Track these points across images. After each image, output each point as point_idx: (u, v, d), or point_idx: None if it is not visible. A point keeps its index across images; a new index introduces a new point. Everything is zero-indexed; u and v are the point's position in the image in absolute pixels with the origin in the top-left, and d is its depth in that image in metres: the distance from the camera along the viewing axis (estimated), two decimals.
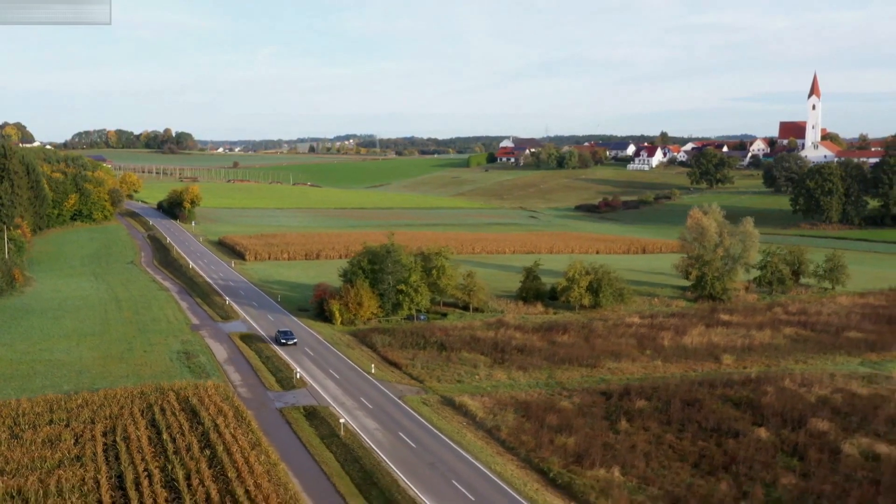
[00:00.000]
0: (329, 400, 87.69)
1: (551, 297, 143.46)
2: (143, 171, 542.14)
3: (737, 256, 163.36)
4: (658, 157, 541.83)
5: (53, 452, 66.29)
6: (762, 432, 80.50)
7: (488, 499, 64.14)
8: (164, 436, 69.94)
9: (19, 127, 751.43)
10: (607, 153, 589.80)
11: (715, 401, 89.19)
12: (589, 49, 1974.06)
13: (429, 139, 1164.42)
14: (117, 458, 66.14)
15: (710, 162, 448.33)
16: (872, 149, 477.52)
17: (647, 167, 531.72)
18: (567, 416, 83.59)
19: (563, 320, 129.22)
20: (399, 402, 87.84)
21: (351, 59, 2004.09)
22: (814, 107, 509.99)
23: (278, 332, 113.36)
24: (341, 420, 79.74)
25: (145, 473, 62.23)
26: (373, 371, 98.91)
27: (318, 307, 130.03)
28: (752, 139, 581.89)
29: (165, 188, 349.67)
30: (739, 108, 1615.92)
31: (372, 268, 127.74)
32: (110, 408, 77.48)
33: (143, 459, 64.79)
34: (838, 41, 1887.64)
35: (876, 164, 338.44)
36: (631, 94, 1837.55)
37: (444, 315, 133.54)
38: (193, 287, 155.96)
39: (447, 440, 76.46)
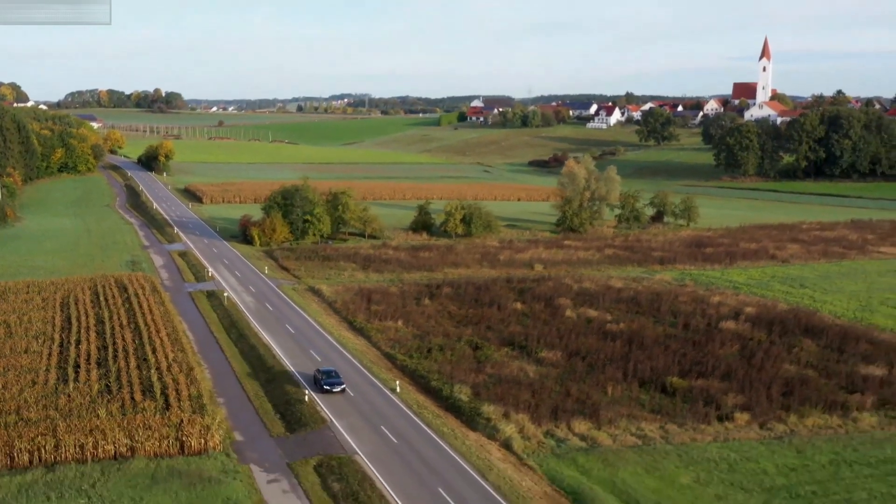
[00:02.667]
0: (226, 287, 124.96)
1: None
2: (133, 130, 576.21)
3: (601, 198, 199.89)
4: (616, 116, 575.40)
5: (28, 306, 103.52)
6: (518, 305, 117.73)
7: (305, 333, 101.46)
8: (101, 298, 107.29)
9: (14, 87, 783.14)
10: (570, 113, 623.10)
11: (501, 289, 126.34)
12: (582, 10, 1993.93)
13: (420, 99, 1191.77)
14: (68, 308, 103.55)
15: (657, 121, 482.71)
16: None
17: (604, 126, 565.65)
18: (389, 296, 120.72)
19: (433, 244, 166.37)
20: (276, 288, 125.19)
21: (348, 17, 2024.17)
22: (764, 69, 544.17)
23: (320, 371, 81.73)
24: (226, 294, 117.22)
25: (84, 315, 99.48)
26: (266, 272, 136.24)
27: (243, 234, 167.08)
28: (708, 99, 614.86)
29: (148, 145, 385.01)
30: (722, 66, 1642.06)
31: (285, 202, 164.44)
32: (69, 285, 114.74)
33: (84, 310, 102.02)
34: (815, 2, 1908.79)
35: (789, 122, 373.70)
36: (621, 54, 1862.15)
37: (345, 241, 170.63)
38: (153, 222, 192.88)
39: (295, 306, 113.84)
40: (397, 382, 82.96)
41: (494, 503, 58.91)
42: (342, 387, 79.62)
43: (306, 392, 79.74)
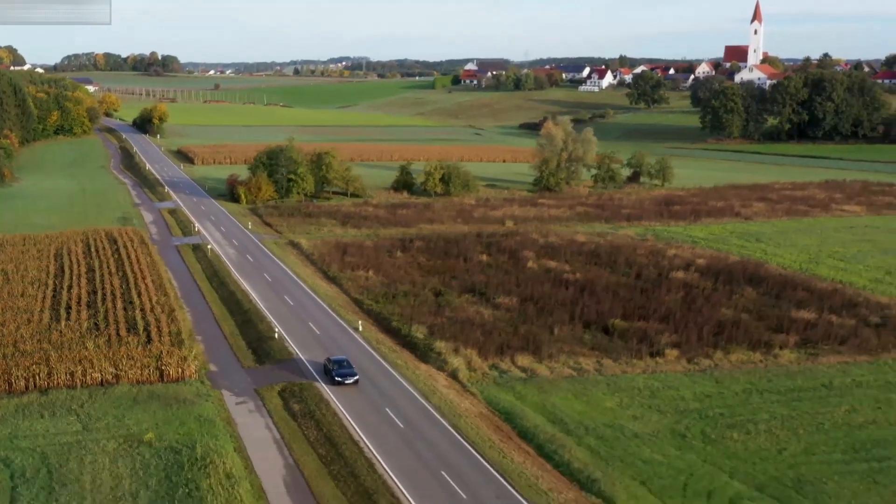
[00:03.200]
0: (211, 241, 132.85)
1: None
2: (129, 93, 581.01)
3: (577, 159, 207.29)
4: (608, 79, 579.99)
5: (24, 256, 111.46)
6: (484, 257, 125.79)
7: (281, 281, 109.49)
8: (92, 250, 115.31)
9: (10, 50, 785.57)
10: (563, 76, 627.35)
11: (470, 242, 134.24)
12: None
13: (418, 62, 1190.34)
14: (61, 258, 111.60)
15: (647, 84, 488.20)
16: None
17: (596, 89, 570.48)
18: (364, 249, 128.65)
19: (412, 202, 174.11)
20: (258, 242, 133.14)
21: None
22: (755, 31, 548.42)
23: (331, 360, 75.97)
24: (210, 247, 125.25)
25: (76, 264, 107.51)
26: (250, 227, 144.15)
27: (230, 192, 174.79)
28: (701, 62, 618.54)
29: (142, 108, 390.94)
30: (717, 29, 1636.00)
31: (270, 162, 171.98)
32: (62, 238, 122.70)
33: (76, 260, 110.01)
34: None
35: (773, 85, 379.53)
36: (618, 16, 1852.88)
37: (329, 199, 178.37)
38: (145, 182, 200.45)
39: (275, 258, 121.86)
40: (360, 322, 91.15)
41: (433, 419, 67.18)
42: (355, 378, 72.08)
43: (276, 329, 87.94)
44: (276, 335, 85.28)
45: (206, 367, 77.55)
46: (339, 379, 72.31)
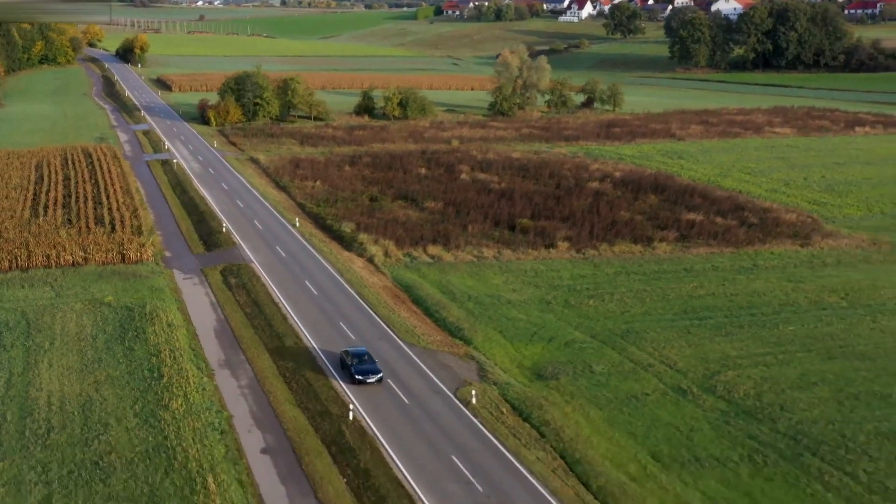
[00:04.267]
0: (178, 156, 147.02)
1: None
2: (113, 24, 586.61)
3: (532, 85, 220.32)
4: (588, 9, 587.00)
5: (8, 168, 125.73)
6: (423, 170, 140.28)
7: (236, 189, 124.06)
8: (69, 162, 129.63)
9: None
10: (544, 6, 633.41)
11: (414, 158, 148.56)
12: None
13: None
14: (41, 169, 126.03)
15: (623, 14, 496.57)
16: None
17: (575, 19, 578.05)
18: (316, 164, 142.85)
19: (370, 124, 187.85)
20: (221, 158, 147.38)
21: None
22: None
23: (349, 353, 63.07)
24: (176, 161, 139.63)
25: (54, 173, 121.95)
26: (215, 145, 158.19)
27: (201, 116, 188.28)
28: None
29: (126, 38, 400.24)
30: None
31: (238, 88, 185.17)
32: (43, 153, 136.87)
33: (54, 170, 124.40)
34: None
35: (740, 14, 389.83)
36: None
37: (293, 122, 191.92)
38: (123, 107, 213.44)
39: (234, 171, 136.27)
40: (297, 219, 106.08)
41: (343, 289, 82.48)
42: (379, 376, 59.73)
43: (225, 225, 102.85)
44: (224, 229, 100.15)
45: (161, 252, 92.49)
46: (360, 377, 59.35)
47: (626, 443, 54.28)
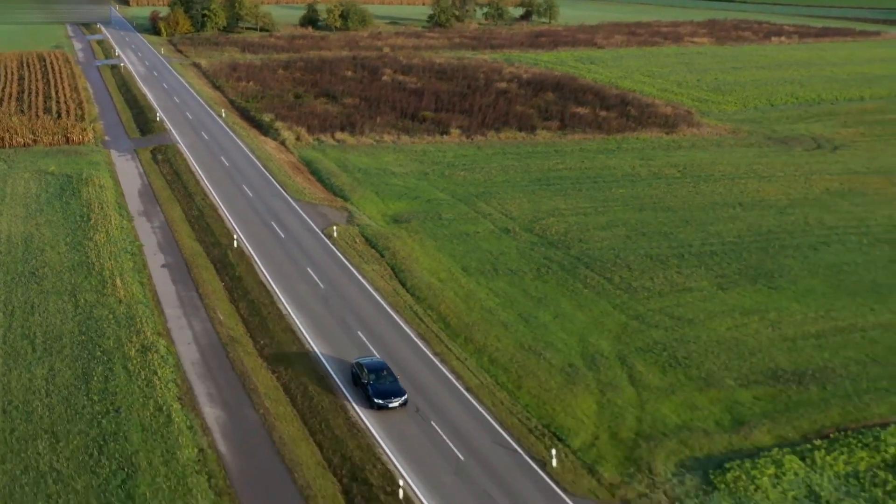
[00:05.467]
0: (127, 62, 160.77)
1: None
2: None
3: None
4: None
5: None
6: (349, 73, 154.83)
7: (175, 89, 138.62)
8: (24, 65, 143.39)
9: None
10: None
11: (344, 63, 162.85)
12: None
13: None
14: None
15: None
16: None
17: None
18: (252, 68, 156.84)
19: (311, 34, 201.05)
20: (166, 63, 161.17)
21: None
22: None
23: (363, 365, 50.51)
24: (123, 65, 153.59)
25: (10, 74, 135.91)
26: (162, 52, 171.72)
27: (153, 27, 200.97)
28: None
29: None
30: None
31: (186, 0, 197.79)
32: (1, 58, 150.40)
33: (10, 72, 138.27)
34: None
35: None
36: None
37: (240, 33, 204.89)
38: (81, 20, 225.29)
39: (176, 74, 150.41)
40: (223, 111, 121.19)
41: (252, 163, 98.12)
42: (403, 398, 47.80)
43: (159, 115, 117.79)
44: (158, 119, 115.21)
45: (102, 137, 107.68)
46: (380, 402, 47.12)
47: (445, 260, 71.01)
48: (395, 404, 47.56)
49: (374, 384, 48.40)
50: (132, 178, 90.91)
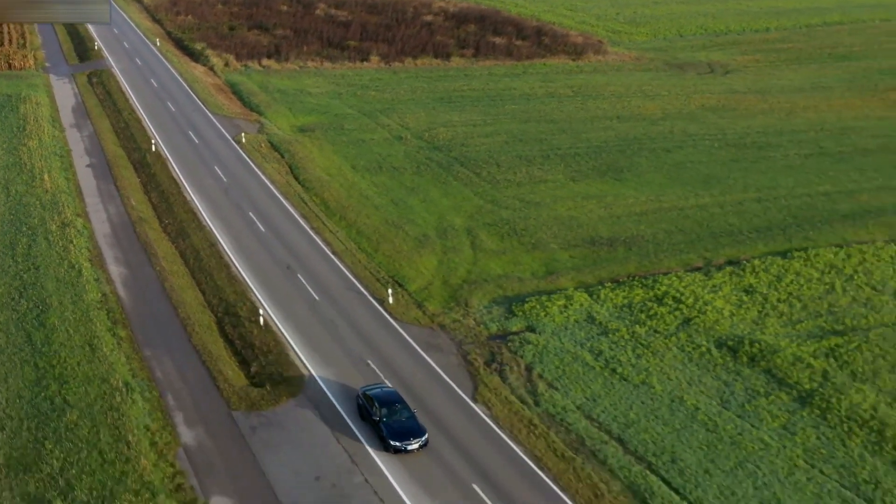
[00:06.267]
0: None
1: None
2: None
3: None
4: None
5: None
6: (284, 7, 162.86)
7: (116, 22, 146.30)
8: None
9: None
10: None
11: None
12: None
13: None
14: None
15: None
16: None
17: None
18: (192, 3, 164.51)
19: None
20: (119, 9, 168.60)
21: None
22: None
23: (371, 396, 42.77)
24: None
25: None
26: None
27: None
28: None
29: None
30: None
31: None
32: None
33: None
34: None
35: None
36: None
37: None
38: None
39: (117, 8, 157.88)
40: (157, 40, 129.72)
41: (179, 85, 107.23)
42: (423, 439, 40.40)
43: (97, 44, 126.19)
44: (97, 47, 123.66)
45: (43, 63, 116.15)
46: (397, 444, 40.07)
47: (338, 160, 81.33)
48: (414, 446, 39.78)
49: (388, 421, 40.46)
50: (67, 97, 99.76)
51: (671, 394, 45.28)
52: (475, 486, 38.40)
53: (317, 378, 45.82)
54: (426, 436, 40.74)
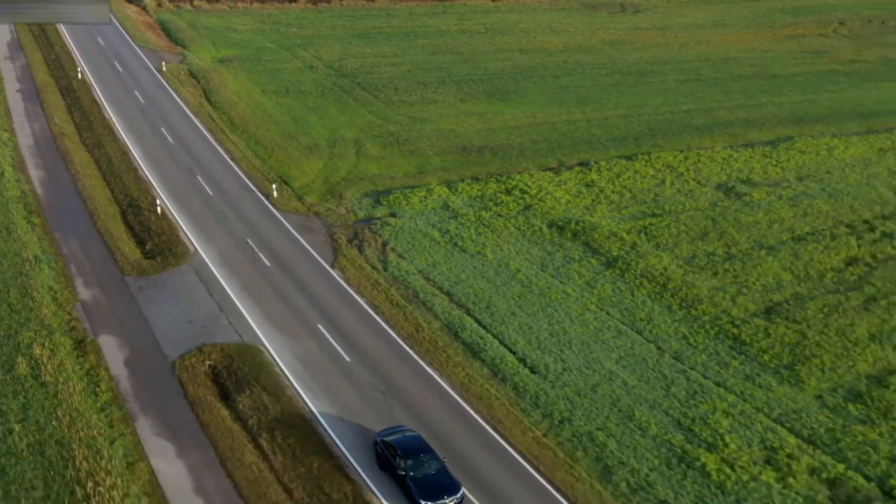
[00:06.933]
0: None
1: None
2: None
3: None
4: None
5: None
6: None
7: None
8: None
9: None
10: None
11: None
12: None
13: None
14: None
15: None
16: None
17: None
18: None
19: None
20: None
21: None
22: None
23: (393, 446, 36.00)
24: None
25: None
26: None
27: None
28: None
29: None
30: None
31: None
32: None
33: None
34: None
35: None
36: None
37: None
38: None
39: None
40: None
41: (115, 27, 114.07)
42: (460, 495, 34.52)
43: None
44: None
45: None
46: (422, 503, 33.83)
47: (250, 85, 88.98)
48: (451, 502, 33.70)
49: (416, 475, 34.57)
50: (3, 35, 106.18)
51: (500, 261, 54.19)
52: (319, 326, 47.08)
53: (201, 252, 54.19)
54: (462, 491, 34.26)
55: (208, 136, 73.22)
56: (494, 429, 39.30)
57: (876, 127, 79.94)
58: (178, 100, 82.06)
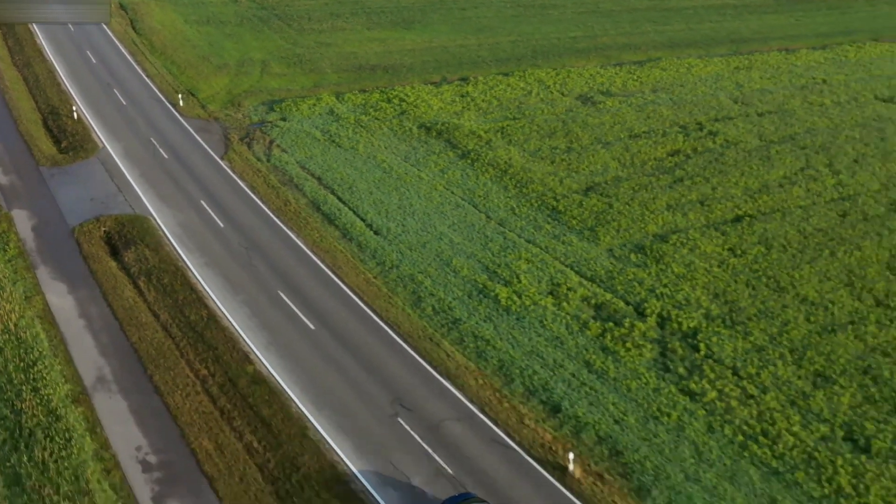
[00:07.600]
0: None
1: None
2: None
3: None
4: None
5: None
6: None
7: None
8: None
9: None
10: None
11: None
12: None
13: None
14: None
15: None
16: None
17: None
18: None
19: None
20: None
21: None
22: None
23: None
24: None
25: None
26: None
27: None
28: None
29: None
30: None
31: None
32: None
33: None
34: None
35: None
36: None
37: None
38: None
39: None
40: None
41: None
42: None
43: None
44: None
45: None
46: None
47: (174, 16, 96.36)
48: None
49: None
50: None
51: (369, 154, 62.83)
52: (202, 202, 55.70)
53: (108, 148, 62.46)
54: None
55: (129, 58, 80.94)
56: (334, 272, 48.12)
57: (742, 51, 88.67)
58: (105, 28, 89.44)
